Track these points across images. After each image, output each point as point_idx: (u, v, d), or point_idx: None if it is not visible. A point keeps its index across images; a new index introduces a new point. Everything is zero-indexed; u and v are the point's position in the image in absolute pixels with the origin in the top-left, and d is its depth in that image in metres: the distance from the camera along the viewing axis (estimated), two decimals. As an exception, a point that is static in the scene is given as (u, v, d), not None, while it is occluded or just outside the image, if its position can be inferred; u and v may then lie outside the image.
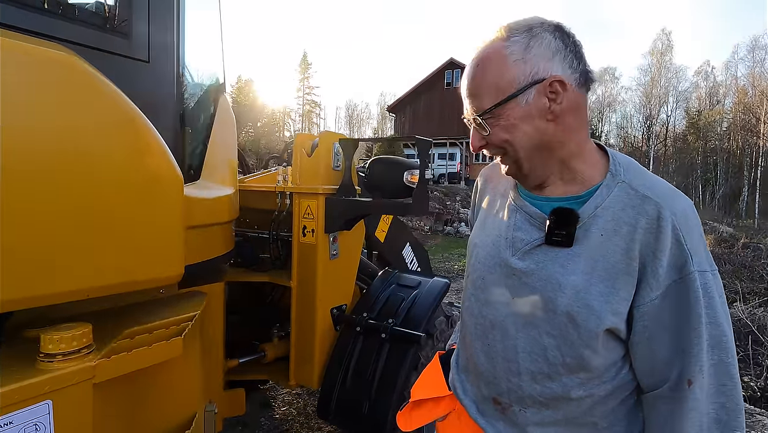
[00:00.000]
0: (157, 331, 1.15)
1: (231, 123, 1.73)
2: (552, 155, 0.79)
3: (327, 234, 1.93)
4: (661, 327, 0.72)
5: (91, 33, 1.11)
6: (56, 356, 0.92)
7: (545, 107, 0.74)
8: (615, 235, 0.73)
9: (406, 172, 1.76)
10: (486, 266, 0.88)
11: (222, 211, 1.57)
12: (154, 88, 1.25)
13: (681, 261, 0.69)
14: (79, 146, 0.95)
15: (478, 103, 0.78)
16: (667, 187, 0.76)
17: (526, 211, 0.84)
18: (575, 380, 0.77)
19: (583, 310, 0.73)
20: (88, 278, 0.98)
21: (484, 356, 0.88)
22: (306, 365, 1.99)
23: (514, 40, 0.75)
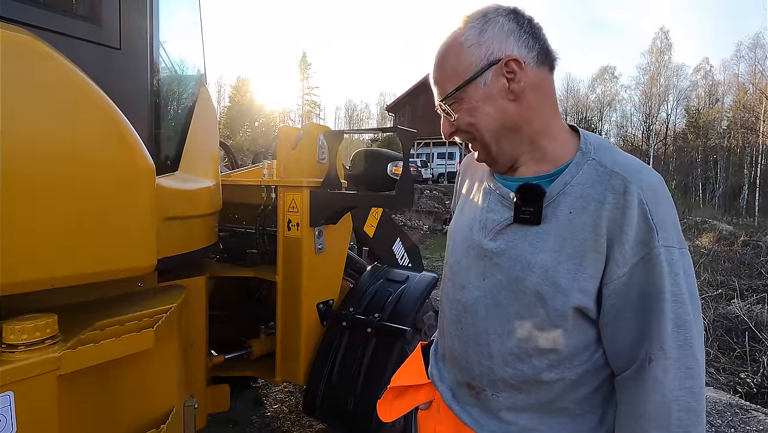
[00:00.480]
0: (129, 323, 1.12)
1: (212, 115, 1.71)
2: (518, 135, 0.78)
3: (312, 228, 1.91)
4: (628, 305, 0.70)
5: (57, 18, 1.08)
6: (18, 346, 0.90)
7: (504, 87, 0.75)
8: (583, 212, 0.72)
9: (389, 164, 1.73)
10: (461, 250, 0.89)
11: (202, 203, 1.55)
12: (126, 76, 1.23)
13: (647, 236, 0.68)
14: (43, 133, 0.93)
15: (441, 90, 0.80)
16: (637, 162, 0.74)
17: (499, 193, 0.84)
18: (545, 362, 0.76)
19: (551, 288, 0.72)
20: (53, 267, 0.96)
21: (458, 340, 0.87)
22: (292, 361, 1.96)
23: (470, 26, 0.77)
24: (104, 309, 1.19)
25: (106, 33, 1.17)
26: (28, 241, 0.92)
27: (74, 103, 0.98)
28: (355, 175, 1.83)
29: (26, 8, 1.03)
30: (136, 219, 1.10)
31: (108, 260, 1.05)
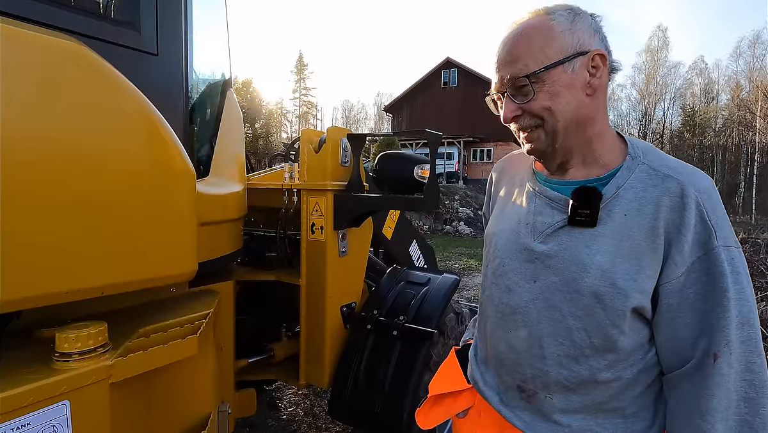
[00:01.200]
0: (172, 330, 1.12)
1: (238, 119, 1.71)
2: (584, 132, 0.79)
3: (336, 231, 1.91)
4: (685, 304, 0.71)
5: (100, 24, 1.08)
6: (72, 355, 0.90)
7: (585, 80, 0.76)
8: (638, 214, 0.73)
9: (416, 167, 1.73)
10: (506, 253, 0.88)
11: (232, 208, 1.55)
12: (163, 81, 1.23)
13: (705, 237, 0.70)
14: (91, 140, 0.93)
15: (521, 67, 0.76)
16: (688, 165, 0.76)
17: (546, 196, 0.84)
18: (602, 362, 0.76)
19: (610, 289, 0.73)
20: (103, 275, 0.96)
21: (505, 343, 0.87)
22: (316, 364, 1.96)
23: (559, 14, 0.77)
24: (142, 316, 1.19)
25: (145, 39, 1.17)
26: (80, 249, 0.92)
27: (121, 112, 0.98)
28: (380, 178, 1.83)
29: (72, 16, 1.03)
30: (180, 226, 1.10)
31: (154, 267, 1.05)
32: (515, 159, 1.03)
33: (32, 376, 0.85)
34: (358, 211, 1.90)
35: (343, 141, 1.90)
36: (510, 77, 0.77)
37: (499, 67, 0.80)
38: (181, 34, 1.27)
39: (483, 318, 0.96)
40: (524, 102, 0.78)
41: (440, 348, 1.95)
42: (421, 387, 1.82)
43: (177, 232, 1.09)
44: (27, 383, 0.82)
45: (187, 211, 1.11)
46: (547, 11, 0.78)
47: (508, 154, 1.08)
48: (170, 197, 1.07)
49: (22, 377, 0.84)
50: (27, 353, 0.95)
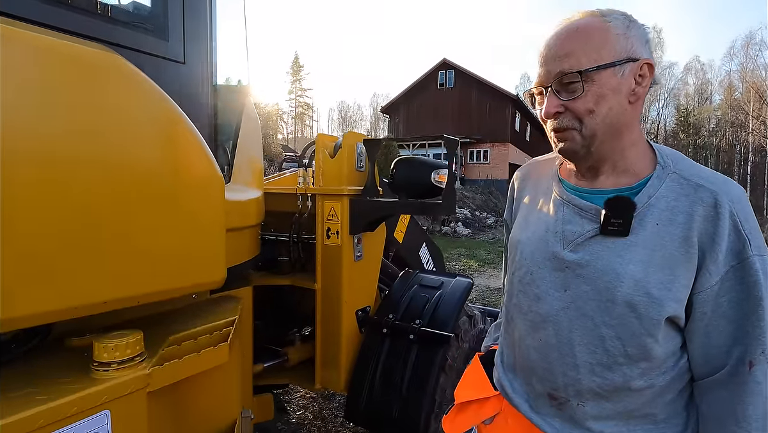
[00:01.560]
0: (202, 337, 1.12)
1: (256, 125, 1.72)
2: (620, 139, 0.79)
3: (351, 236, 1.92)
4: (719, 312, 0.72)
5: (130, 34, 1.09)
6: (111, 364, 0.90)
7: (631, 87, 0.76)
8: (671, 224, 0.74)
9: (433, 172, 1.75)
10: (533, 261, 0.88)
11: (252, 214, 1.55)
12: (190, 89, 1.23)
13: (739, 246, 0.70)
14: (130, 150, 0.93)
15: (573, 62, 0.75)
16: (719, 175, 0.77)
17: (575, 205, 0.84)
18: (636, 370, 0.77)
19: (644, 298, 0.73)
20: (139, 284, 0.96)
21: (536, 352, 0.87)
22: (332, 367, 1.97)
23: (615, 17, 0.76)
24: (166, 323, 1.19)
25: (173, 48, 1.18)
26: (118, 259, 0.92)
27: (156, 122, 0.98)
28: (396, 183, 1.84)
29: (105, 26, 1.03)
30: (211, 233, 1.10)
31: (187, 275, 1.05)
32: (538, 165, 1.02)
33: (73, 386, 0.85)
34: (374, 216, 1.91)
35: (359, 146, 1.91)
36: (560, 71, 0.76)
37: (547, 60, 0.78)
38: (207, 43, 1.27)
39: (510, 326, 0.96)
40: (569, 99, 0.76)
41: (455, 351, 1.96)
42: (437, 391, 1.83)
43: (208, 239, 1.10)
44: (69, 393, 0.82)
45: (218, 219, 1.12)
46: (602, 13, 0.77)
47: (530, 160, 1.07)
48: (203, 206, 1.07)
49: (64, 387, 0.84)
50: (62, 362, 0.96)
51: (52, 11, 0.94)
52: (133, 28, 1.09)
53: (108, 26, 1.04)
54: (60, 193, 0.83)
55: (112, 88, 0.92)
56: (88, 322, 1.02)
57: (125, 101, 0.93)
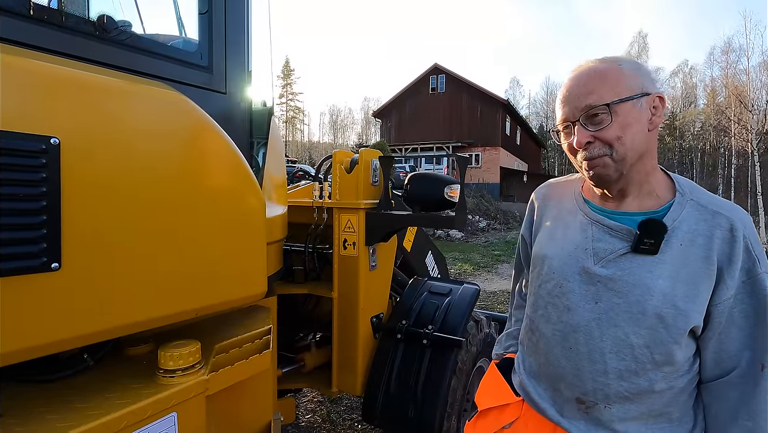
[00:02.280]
0: (245, 345, 1.23)
1: (280, 144, 1.82)
2: (645, 164, 0.90)
3: (367, 246, 2.03)
4: (731, 322, 0.85)
5: (181, 69, 1.19)
6: (176, 371, 1.00)
7: (648, 117, 0.87)
8: (692, 245, 0.85)
9: (446, 188, 1.87)
10: (563, 275, 0.96)
11: (279, 230, 1.66)
12: (232, 117, 1.34)
13: (750, 264, 0.83)
14: (192, 178, 1.04)
15: (596, 98, 0.85)
16: (728, 202, 0.90)
17: (605, 225, 0.93)
18: (659, 374, 0.87)
19: (672, 310, 0.84)
20: (199, 298, 1.06)
21: (565, 359, 0.94)
22: (348, 372, 2.08)
23: (626, 62, 0.89)
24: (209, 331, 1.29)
25: (216, 80, 1.28)
26: (183, 276, 1.03)
27: (214, 153, 1.09)
28: (410, 197, 1.96)
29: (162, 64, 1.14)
30: (255, 251, 1.21)
31: (236, 288, 1.16)
32: (558, 186, 1.12)
33: (146, 391, 0.95)
34: (388, 228, 2.02)
35: (374, 162, 2.03)
36: (586, 105, 0.86)
37: (570, 99, 0.89)
38: (245, 73, 1.38)
39: (535, 335, 1.03)
40: (597, 130, 0.86)
41: (464, 355, 2.08)
42: (450, 392, 1.95)
43: (253, 257, 1.21)
44: (144, 397, 0.93)
45: (261, 238, 1.22)
46: (613, 59, 0.89)
47: (547, 181, 1.17)
48: (250, 227, 1.18)
49: (137, 392, 0.95)
50: (126, 370, 1.05)
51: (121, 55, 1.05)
52: (183, 64, 1.20)
53: (164, 64, 1.15)
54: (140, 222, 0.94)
55: (177, 125, 1.02)
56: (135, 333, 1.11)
57: (187, 136, 1.04)
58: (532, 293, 1.06)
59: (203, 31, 1.27)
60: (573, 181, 1.09)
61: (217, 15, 1.28)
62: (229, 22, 1.31)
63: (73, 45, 0.98)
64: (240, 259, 1.16)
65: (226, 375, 1.09)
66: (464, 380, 2.07)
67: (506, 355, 1.23)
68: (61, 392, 0.95)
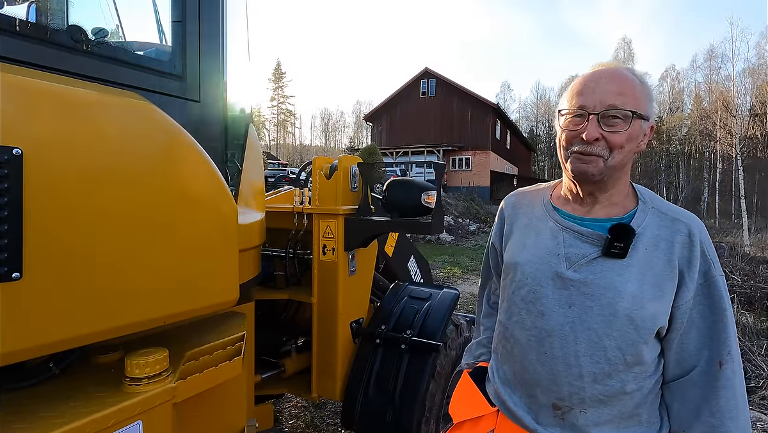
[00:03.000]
0: (217, 352, 1.23)
1: (258, 150, 1.83)
2: (622, 175, 0.96)
3: (346, 252, 2.04)
4: (690, 322, 0.89)
5: (153, 78, 1.20)
6: (142, 379, 1.01)
7: (641, 140, 0.93)
8: (656, 249, 0.90)
9: (423, 194, 1.89)
10: (536, 281, 0.98)
11: (256, 236, 1.66)
12: (205, 125, 1.35)
13: (706, 267, 0.89)
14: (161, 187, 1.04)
15: (625, 101, 0.89)
16: (685, 211, 0.95)
17: (575, 231, 0.96)
18: (630, 375, 0.90)
19: (641, 312, 0.88)
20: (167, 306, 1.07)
21: (540, 364, 0.95)
22: (328, 377, 2.08)
23: (648, 85, 0.94)
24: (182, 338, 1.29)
25: (190, 88, 1.29)
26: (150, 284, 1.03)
27: (183, 160, 1.10)
28: (388, 203, 1.98)
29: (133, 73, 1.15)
30: (227, 257, 1.21)
31: (207, 296, 1.16)
32: (527, 194, 1.14)
33: (110, 399, 0.95)
34: (368, 233, 2.04)
35: (353, 168, 2.04)
36: (611, 104, 0.88)
37: (598, 91, 0.90)
38: (220, 80, 1.39)
39: (509, 342, 1.03)
40: (608, 130, 0.89)
41: (443, 359, 2.10)
42: (428, 397, 1.96)
43: (225, 263, 1.21)
44: (109, 406, 0.93)
45: (233, 245, 1.23)
46: (640, 76, 0.93)
47: (516, 191, 1.19)
48: (221, 234, 1.19)
49: (102, 400, 0.95)
50: (92, 378, 1.05)
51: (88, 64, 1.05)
52: (156, 73, 1.21)
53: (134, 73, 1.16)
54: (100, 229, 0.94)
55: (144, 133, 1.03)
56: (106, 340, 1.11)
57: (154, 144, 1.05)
58: (505, 300, 1.07)
59: (177, 39, 1.28)
60: (541, 190, 1.12)
61: (190, 23, 1.29)
62: (204, 30, 1.32)
63: (40, 54, 0.99)
64: (211, 266, 1.17)
65: (194, 383, 1.09)
66: (443, 385, 2.09)
67: (480, 364, 1.23)
68: (25, 401, 0.95)
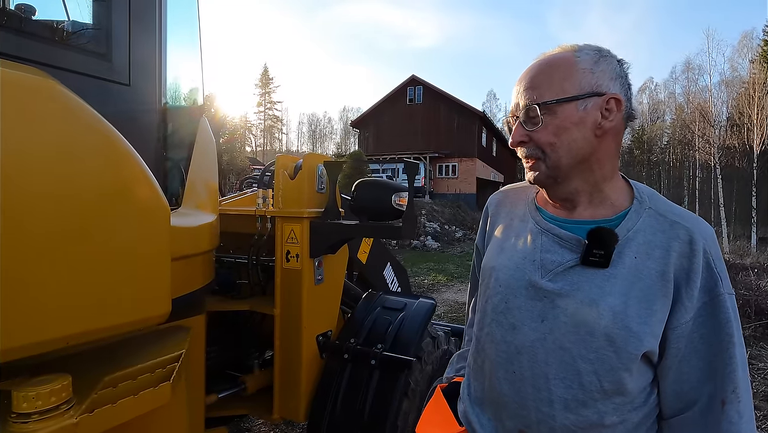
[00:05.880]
0: (142, 376, 1.05)
1: (211, 146, 1.66)
2: (589, 172, 0.80)
3: (312, 259, 1.87)
4: (691, 348, 0.73)
5: (68, 54, 1.03)
6: (32, 415, 0.82)
7: (596, 121, 0.77)
8: (648, 258, 0.75)
9: (394, 195, 1.74)
10: (509, 289, 0.85)
11: (205, 240, 1.48)
12: (136, 112, 1.17)
13: (711, 283, 0.72)
14: (59, 178, 0.87)
15: (536, 94, 0.78)
16: (691, 213, 0.79)
17: (555, 234, 0.83)
18: (610, 406, 0.75)
19: (623, 332, 0.73)
20: (69, 323, 0.88)
21: (508, 384, 0.83)
22: (291, 396, 1.90)
23: (585, 52, 0.78)
24: (107, 360, 1.10)
25: (116, 69, 1.12)
26: (43, 296, 0.85)
27: (91, 148, 0.92)
28: (357, 206, 1.82)
29: (39, 47, 0.97)
30: (153, 265, 1.04)
31: (125, 311, 0.98)
32: (513, 192, 1.01)
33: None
34: (335, 238, 1.88)
35: (320, 168, 1.88)
36: (527, 103, 0.79)
37: (519, 92, 0.81)
38: (155, 63, 1.22)
39: (480, 356, 0.92)
40: (532, 130, 0.79)
41: (417, 375, 1.93)
42: (400, 416, 1.79)
43: (150, 273, 1.03)
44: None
45: (161, 250, 1.05)
46: (574, 48, 0.80)
47: (504, 187, 1.06)
48: (144, 236, 1.01)
49: (-27, 444, 0.76)
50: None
51: None
52: (71, 49, 1.03)
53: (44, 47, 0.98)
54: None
55: (42, 115, 0.85)
56: (16, 361, 0.93)
57: (55, 128, 0.87)
58: (479, 309, 0.95)
59: (101, 12, 1.11)
60: (528, 188, 0.98)
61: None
62: (134, 5, 1.15)
63: None
64: (131, 276, 0.99)
65: (104, 417, 0.90)
66: (419, 403, 1.92)
67: (455, 379, 1.11)
68: None
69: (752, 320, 5.12)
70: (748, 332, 4.87)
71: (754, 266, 7.95)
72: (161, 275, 1.06)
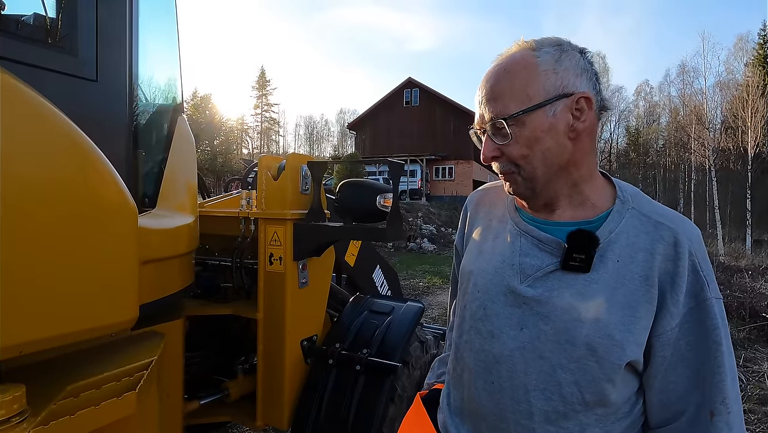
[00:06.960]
0: (107, 385, 1.00)
1: (190, 145, 1.61)
2: (567, 176, 0.76)
3: (296, 262, 1.83)
4: (678, 357, 0.70)
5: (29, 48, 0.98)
6: (-21, 429, 0.77)
7: (568, 124, 0.72)
8: (631, 262, 0.71)
9: (378, 196, 1.70)
10: (487, 295, 0.81)
11: (181, 243, 1.44)
12: (103, 108, 1.13)
13: (698, 288, 0.69)
14: (13, 177, 0.82)
15: (501, 107, 0.73)
16: (676, 213, 0.75)
17: (534, 237, 0.79)
18: (592, 417, 0.72)
19: (605, 341, 0.69)
20: (22, 331, 0.83)
21: (487, 395, 0.79)
22: (275, 403, 1.84)
23: (545, 51, 0.73)
24: (72, 368, 1.05)
25: (82, 64, 1.07)
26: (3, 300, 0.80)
27: (43, 140, 0.87)
28: (342, 207, 1.78)
29: None
30: (118, 269, 0.99)
31: (86, 317, 0.93)
32: (493, 190, 0.97)
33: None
34: (319, 240, 1.83)
35: (303, 168, 1.84)
36: (490, 117, 0.74)
37: (482, 103, 0.76)
38: (125, 59, 1.17)
39: (459, 364, 0.88)
40: (503, 144, 0.74)
41: (405, 380, 1.88)
42: (386, 423, 1.75)
43: (114, 276, 0.99)
44: None
45: (127, 252, 1.01)
46: (533, 46, 0.74)
47: (484, 185, 1.02)
48: (106, 237, 0.96)
49: None
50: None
51: None
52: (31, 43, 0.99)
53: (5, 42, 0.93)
54: None
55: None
56: None
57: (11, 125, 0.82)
58: (458, 314, 0.91)
59: (66, 4, 1.06)
60: None
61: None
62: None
63: None
64: (95, 279, 0.94)
65: (61, 428, 0.86)
66: (405, 409, 1.87)
67: (436, 385, 1.06)
68: None
69: (747, 323, 5.11)
70: (743, 334, 4.85)
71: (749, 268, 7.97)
72: (127, 279, 1.01)
